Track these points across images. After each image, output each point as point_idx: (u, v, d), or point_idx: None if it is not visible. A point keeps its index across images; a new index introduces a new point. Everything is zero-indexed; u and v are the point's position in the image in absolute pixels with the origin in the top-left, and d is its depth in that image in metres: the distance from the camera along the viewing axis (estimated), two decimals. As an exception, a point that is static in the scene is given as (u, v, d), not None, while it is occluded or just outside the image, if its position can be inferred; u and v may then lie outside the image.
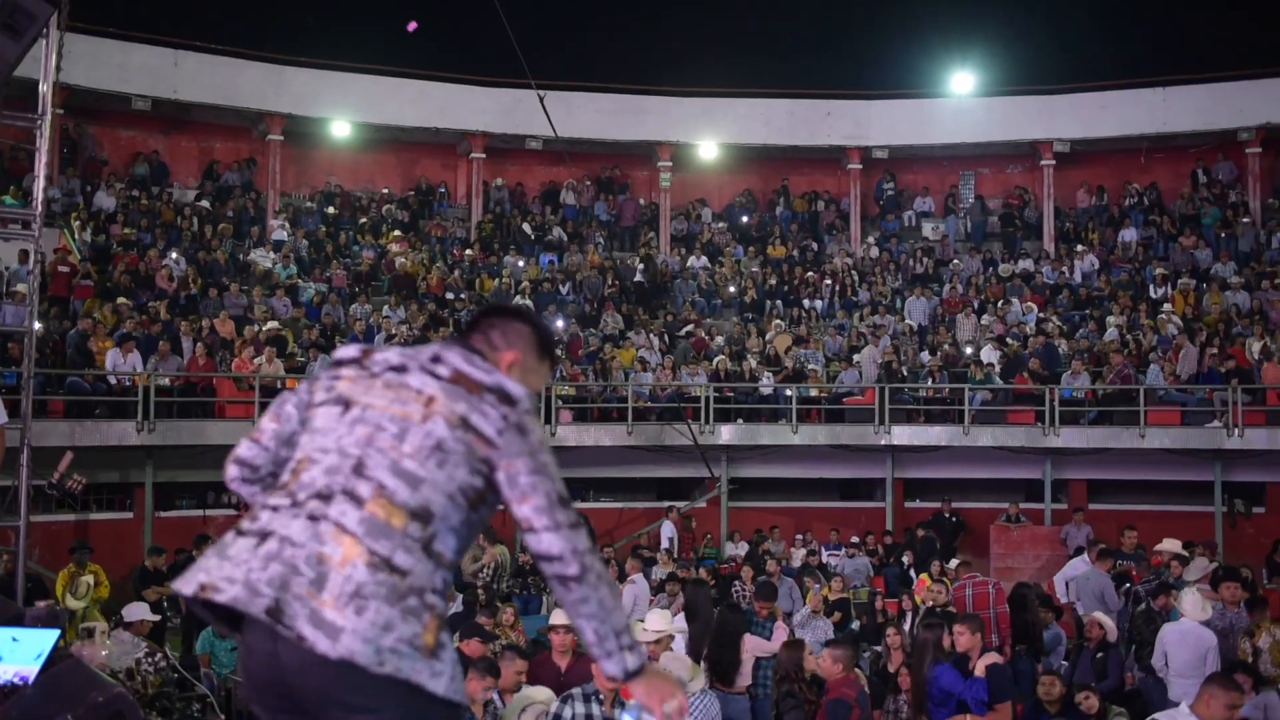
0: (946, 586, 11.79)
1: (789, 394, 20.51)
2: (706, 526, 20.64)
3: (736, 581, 14.00)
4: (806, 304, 25.14)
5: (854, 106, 27.92)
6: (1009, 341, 22.17)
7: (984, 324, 23.46)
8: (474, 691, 6.31)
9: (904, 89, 29.10)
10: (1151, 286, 24.24)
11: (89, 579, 13.34)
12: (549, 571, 2.62)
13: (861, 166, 28.06)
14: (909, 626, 11.11)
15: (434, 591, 2.52)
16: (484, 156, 27.33)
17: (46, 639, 4.22)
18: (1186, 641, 9.41)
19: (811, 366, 21.65)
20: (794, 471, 21.23)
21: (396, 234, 25.55)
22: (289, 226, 24.83)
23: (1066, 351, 21.66)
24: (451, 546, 2.59)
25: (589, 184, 28.34)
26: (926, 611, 11.15)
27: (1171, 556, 12.84)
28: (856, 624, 14.16)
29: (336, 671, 2.38)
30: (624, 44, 34.09)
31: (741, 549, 19.16)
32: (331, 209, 26.31)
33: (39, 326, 13.75)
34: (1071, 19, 35.48)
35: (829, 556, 18.50)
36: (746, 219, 28.52)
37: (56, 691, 4.10)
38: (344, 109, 26.16)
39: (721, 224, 28.24)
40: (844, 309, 24.89)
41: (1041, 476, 20.64)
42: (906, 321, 23.85)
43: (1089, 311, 23.83)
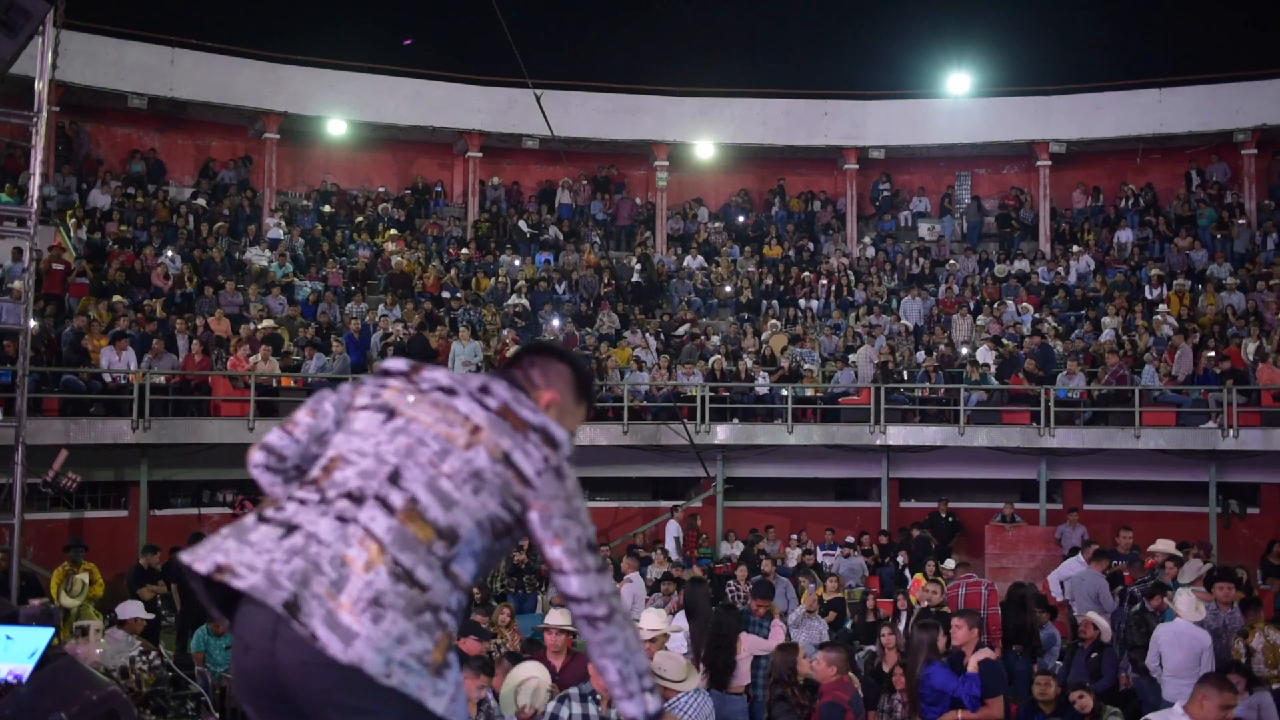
0: (941, 586, 11.80)
1: (785, 394, 20.52)
2: (702, 526, 20.64)
3: (730, 581, 14.00)
4: (802, 304, 25.17)
5: (850, 107, 27.94)
6: (1005, 342, 22.19)
7: (980, 324, 23.49)
8: (469, 690, 6.30)
9: (900, 89, 29.16)
10: (1147, 287, 24.25)
11: (84, 577, 13.31)
12: (577, 612, 2.67)
13: (858, 167, 28.08)
14: (904, 626, 11.11)
15: (448, 611, 2.51)
16: (480, 155, 27.33)
17: (40, 637, 4.21)
18: (1181, 642, 9.41)
19: (807, 366, 21.67)
20: (789, 471, 21.24)
21: (393, 233, 25.53)
22: (285, 225, 24.81)
23: (1062, 352, 21.69)
24: (470, 570, 2.59)
25: (585, 183, 28.33)
26: (921, 612, 11.15)
27: (1166, 557, 12.85)
28: (850, 624, 14.18)
29: (341, 675, 2.36)
30: (621, 43, 34.14)
31: (737, 549, 19.16)
32: (328, 207, 26.29)
33: (34, 324, 13.73)
34: (1068, 20, 35.58)
35: (824, 556, 18.52)
36: (743, 219, 28.52)
37: (50, 689, 4.10)
38: (340, 108, 26.15)
39: (718, 224, 28.23)
40: (840, 309, 24.91)
41: (1036, 477, 20.64)
42: (902, 322, 23.86)
43: (1085, 312, 23.86)
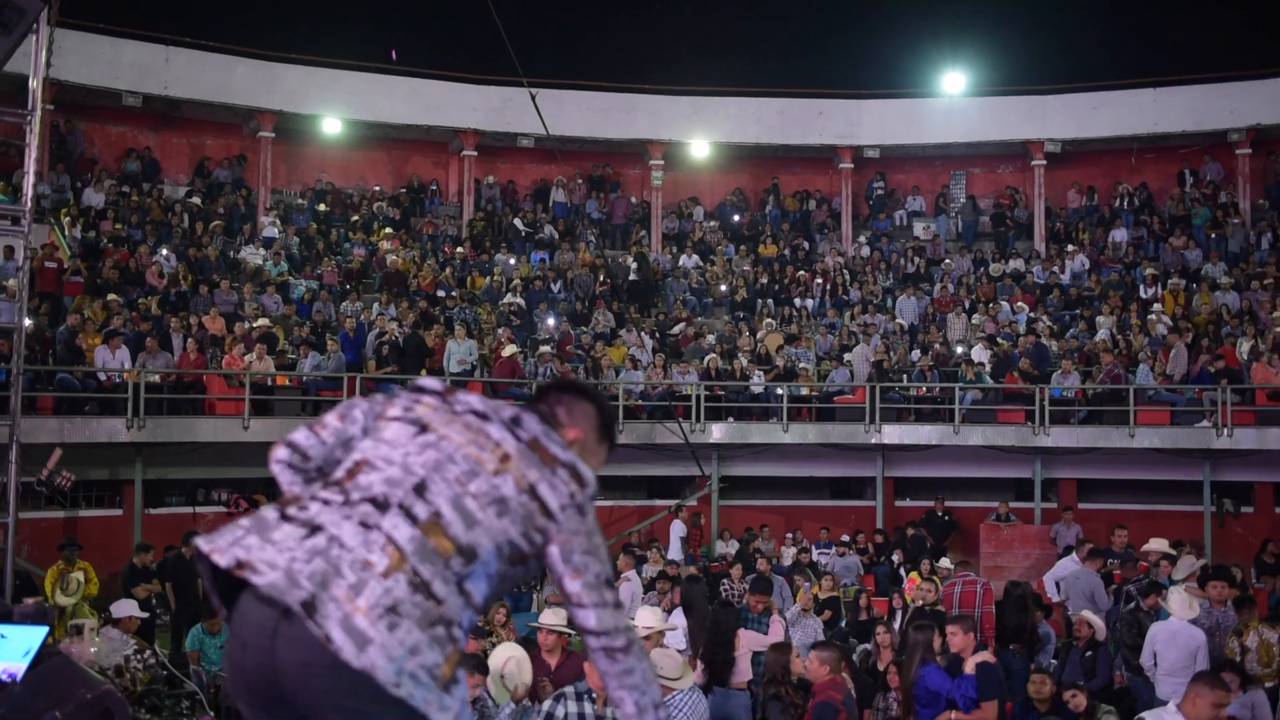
0: (936, 585, 11.80)
1: (780, 393, 20.54)
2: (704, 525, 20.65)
3: (725, 579, 14.00)
4: (798, 303, 25.18)
5: (846, 106, 27.96)
6: (1000, 341, 22.21)
7: (975, 323, 23.51)
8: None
9: (896, 89, 29.18)
10: (1141, 287, 24.28)
11: (79, 575, 13.29)
12: (595, 645, 2.70)
13: (853, 166, 28.09)
14: (898, 625, 11.13)
15: (460, 627, 2.50)
16: (475, 154, 27.32)
17: (35, 636, 4.20)
18: (1176, 640, 9.42)
19: (802, 365, 21.68)
20: (784, 470, 21.26)
21: (388, 231, 25.49)
22: (280, 223, 24.78)
23: (1057, 351, 21.72)
24: (482, 591, 2.59)
25: (580, 182, 28.32)
26: (915, 611, 11.16)
27: (1160, 556, 12.88)
28: (844, 622, 14.19)
29: (344, 678, 2.34)
30: (616, 42, 34.13)
31: (732, 548, 19.17)
32: (323, 206, 26.26)
33: (29, 323, 13.71)
34: (1063, 19, 35.60)
35: (819, 555, 18.53)
36: (738, 218, 28.53)
37: (45, 688, 4.09)
38: (335, 106, 26.12)
39: (713, 223, 28.24)
40: (835, 308, 24.93)
41: (1031, 476, 20.66)
42: (897, 321, 23.88)
43: (1079, 311, 23.89)
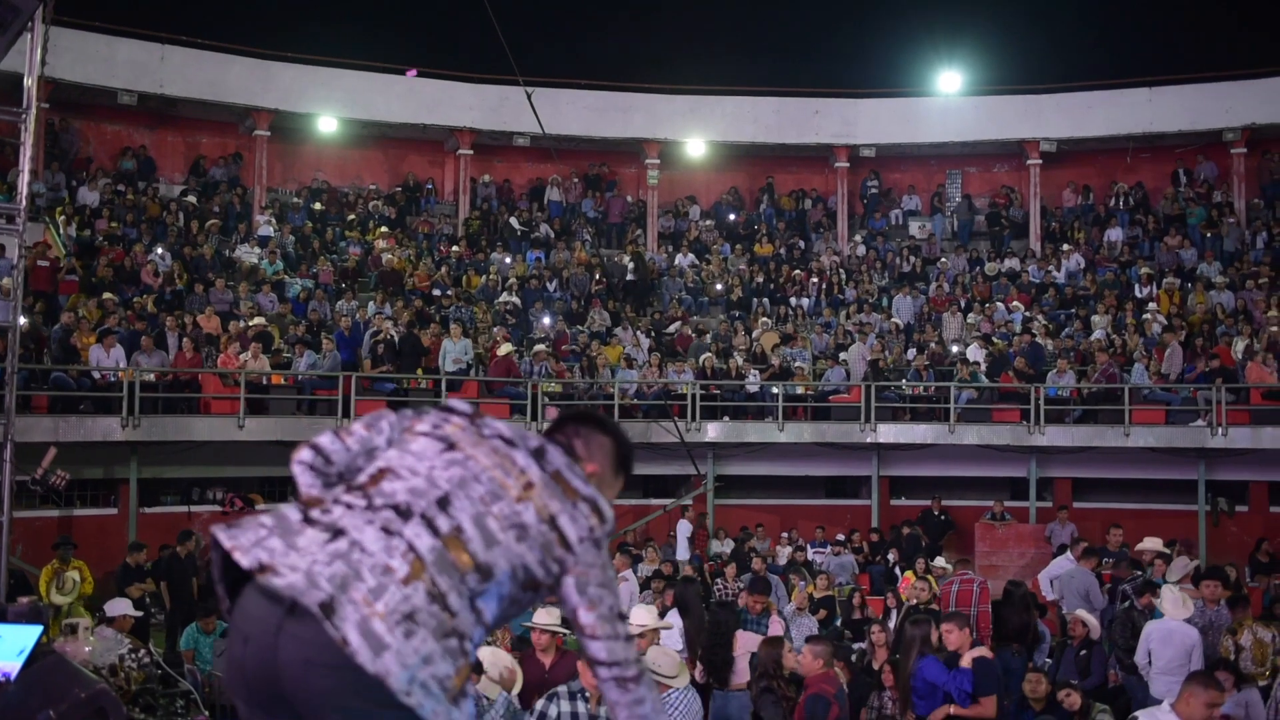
0: (930, 584, 11.81)
1: (775, 392, 20.54)
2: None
3: (719, 579, 14.01)
4: (793, 302, 25.19)
5: (841, 105, 27.96)
6: (995, 340, 22.24)
7: (970, 322, 23.53)
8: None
9: (891, 88, 29.18)
10: (1137, 286, 24.31)
11: (74, 575, 13.28)
12: (606, 675, 2.73)
13: (849, 165, 28.10)
14: (893, 624, 11.13)
15: (471, 641, 2.52)
16: (471, 153, 27.30)
17: (29, 635, 4.19)
18: (1171, 639, 9.44)
19: (798, 364, 21.68)
20: (780, 469, 21.26)
21: (383, 230, 25.48)
22: (275, 222, 24.74)
23: (1052, 350, 21.74)
24: (492, 611, 2.59)
25: (576, 181, 28.32)
26: (910, 609, 11.16)
27: (1154, 555, 12.90)
28: (839, 621, 14.20)
29: (352, 679, 2.35)
30: (612, 41, 34.16)
31: (727, 546, 19.18)
32: (318, 205, 26.24)
33: (23, 321, 13.69)
34: (1059, 19, 35.66)
35: (814, 554, 18.54)
36: (734, 217, 28.53)
37: (39, 687, 4.08)
38: (331, 105, 26.09)
39: (709, 222, 28.24)
40: (830, 307, 24.94)
41: (1026, 475, 20.69)
42: (893, 320, 23.89)
43: (1074, 310, 23.92)
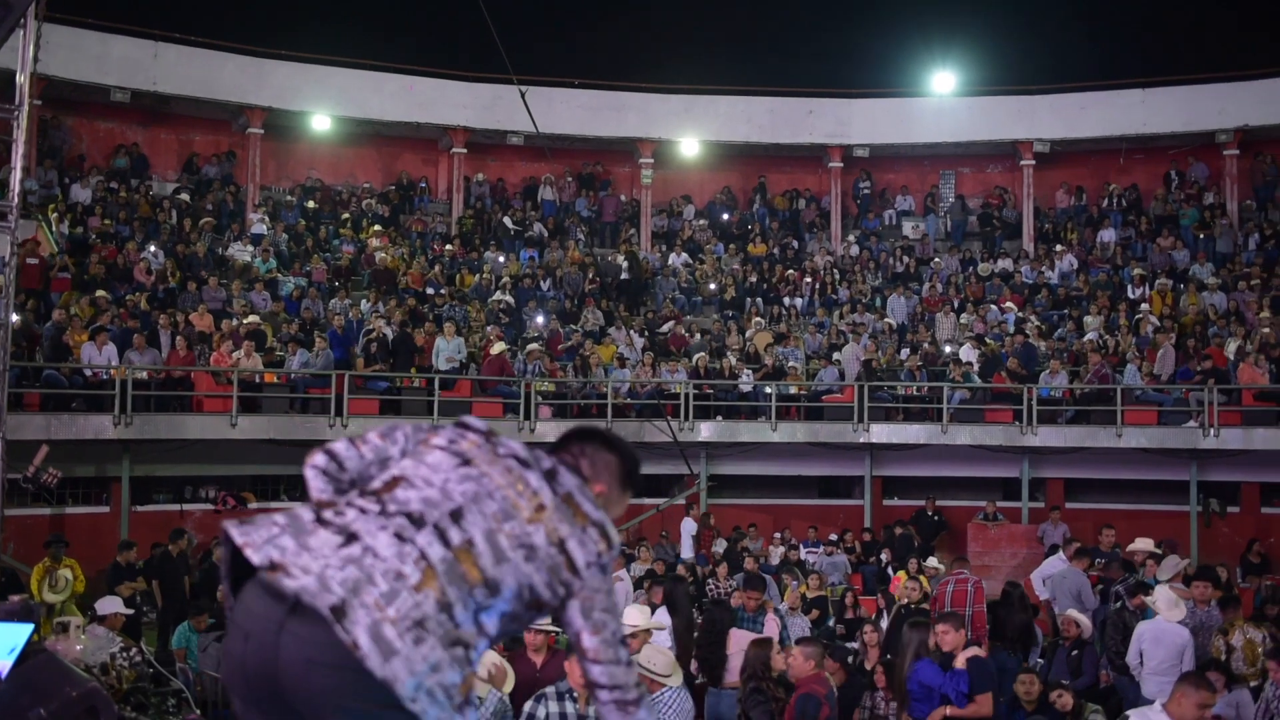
0: (921, 584, 11.81)
1: (768, 391, 20.55)
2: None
3: (710, 579, 14.01)
4: (787, 302, 25.20)
5: (835, 105, 27.97)
6: (988, 341, 22.26)
7: (963, 323, 23.57)
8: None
9: (885, 88, 29.20)
10: (1129, 287, 24.35)
11: (67, 573, 13.24)
12: (607, 698, 2.78)
13: (842, 165, 28.11)
14: (885, 624, 11.13)
15: (475, 651, 2.54)
16: (465, 152, 27.28)
17: (20, 633, 4.19)
18: (1163, 640, 9.46)
19: (791, 364, 21.69)
20: (773, 469, 21.26)
21: (377, 229, 25.46)
22: (269, 220, 24.71)
23: (1044, 351, 21.77)
24: (494, 626, 2.61)
25: (570, 180, 28.30)
26: (900, 609, 11.16)
27: (1146, 556, 12.92)
28: (832, 621, 14.22)
29: (353, 680, 2.36)
30: (606, 40, 34.13)
31: (720, 546, 19.17)
32: (311, 203, 26.19)
33: (15, 319, 13.65)
34: (1052, 19, 35.69)
35: (807, 554, 18.55)
36: (727, 216, 28.53)
37: (30, 686, 4.08)
38: (325, 103, 26.05)
39: (702, 221, 28.24)
40: (824, 307, 24.95)
41: (1019, 475, 20.72)
42: (886, 320, 23.90)
43: (1067, 311, 23.95)
